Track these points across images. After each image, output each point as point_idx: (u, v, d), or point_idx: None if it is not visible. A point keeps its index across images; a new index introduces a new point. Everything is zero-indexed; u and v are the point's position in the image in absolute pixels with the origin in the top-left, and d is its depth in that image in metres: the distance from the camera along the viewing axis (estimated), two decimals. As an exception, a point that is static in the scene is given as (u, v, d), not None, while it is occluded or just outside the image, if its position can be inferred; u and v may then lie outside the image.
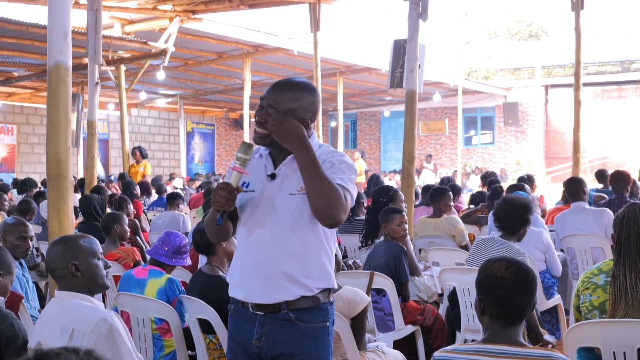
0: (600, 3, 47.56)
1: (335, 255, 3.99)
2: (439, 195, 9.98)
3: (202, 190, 16.56)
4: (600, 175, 13.85)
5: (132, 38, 18.64)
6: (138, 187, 15.61)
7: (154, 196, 16.90)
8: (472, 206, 12.25)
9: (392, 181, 28.46)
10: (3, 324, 4.28)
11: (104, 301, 6.85)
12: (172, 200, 12.40)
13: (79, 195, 13.95)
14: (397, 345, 6.84)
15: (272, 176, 3.76)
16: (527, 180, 12.52)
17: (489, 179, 14.33)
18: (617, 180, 10.43)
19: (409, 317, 7.10)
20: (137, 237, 9.78)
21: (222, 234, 3.92)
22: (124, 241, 8.54)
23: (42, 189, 16.51)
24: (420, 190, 13.09)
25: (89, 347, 1.95)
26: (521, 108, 35.13)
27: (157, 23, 18.85)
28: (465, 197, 16.48)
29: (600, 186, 13.51)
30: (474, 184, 28.56)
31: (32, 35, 17.30)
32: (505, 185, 13.17)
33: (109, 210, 10.31)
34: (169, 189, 19.28)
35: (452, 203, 10.25)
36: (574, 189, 9.45)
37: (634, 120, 34.33)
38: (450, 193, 10.17)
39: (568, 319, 7.97)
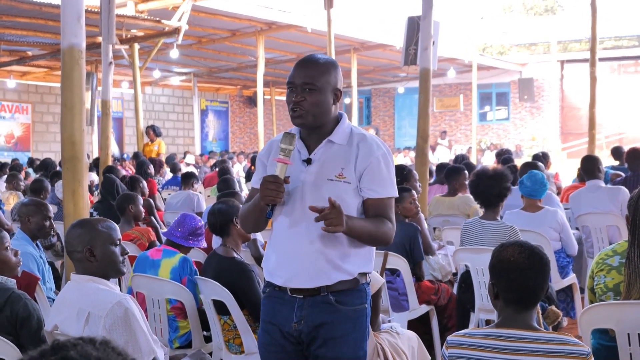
0: (616, -23, 47.20)
1: None
2: (454, 175, 9.96)
3: (217, 169, 16.57)
4: (617, 152, 13.81)
5: (146, 17, 18.62)
6: (152, 165, 15.62)
7: (168, 175, 16.94)
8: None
9: (406, 158, 28.44)
10: (17, 305, 4.32)
11: (119, 283, 6.88)
12: (187, 179, 12.43)
13: (93, 174, 14.02)
14: (411, 325, 6.85)
15: (308, 161, 3.75)
16: (542, 158, 12.48)
17: (503, 156, 14.28)
18: (633, 158, 10.38)
19: (423, 297, 7.12)
20: (152, 217, 9.81)
21: (262, 225, 3.89)
22: (138, 221, 8.56)
23: (59, 169, 16.56)
24: (434, 169, 13.06)
25: (105, 337, 1.96)
26: (536, 84, 34.96)
27: (170, 1, 18.78)
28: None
29: (616, 163, 13.47)
30: (489, 161, 28.49)
31: (46, 14, 17.31)
32: (519, 162, 13.14)
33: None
34: (182, 167, 19.31)
35: (467, 182, 10.21)
36: (589, 167, 9.40)
37: (650, 96, 34.12)
38: (466, 172, 10.13)
39: (583, 297, 7.97)
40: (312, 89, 3.66)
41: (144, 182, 11.12)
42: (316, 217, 3.48)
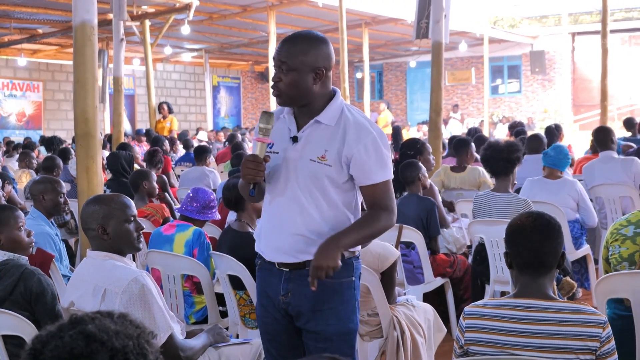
0: (628, -53, 46.84)
1: None
2: (461, 147, 9.89)
3: (229, 145, 16.53)
4: (629, 123, 13.75)
5: (156, -8, 18.61)
6: (167, 142, 15.57)
7: (181, 151, 16.93)
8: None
9: (419, 132, 28.37)
10: (31, 280, 4.33)
11: (134, 259, 6.89)
12: (200, 154, 12.10)
13: (106, 152, 14.04)
14: (427, 297, 6.87)
15: (295, 139, 3.71)
16: (554, 130, 12.42)
17: (516, 129, 14.25)
18: (646, 129, 10.35)
19: (439, 270, 7.12)
20: (166, 194, 9.80)
21: (258, 197, 3.88)
22: (152, 198, 8.56)
23: (70, 145, 16.53)
24: (447, 142, 13.03)
25: (122, 311, 1.98)
26: (548, 56, 34.83)
27: (181, -23, 18.79)
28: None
29: (629, 134, 13.42)
30: (502, 134, 28.42)
31: (57, -9, 17.32)
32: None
33: (136, 166, 10.29)
34: (195, 143, 19.28)
35: (475, 153, 10.14)
36: (602, 138, 9.36)
37: (662, 67, 33.94)
38: (473, 144, 10.06)
39: (597, 268, 7.97)
40: (287, 69, 3.61)
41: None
42: (311, 282, 3.53)
